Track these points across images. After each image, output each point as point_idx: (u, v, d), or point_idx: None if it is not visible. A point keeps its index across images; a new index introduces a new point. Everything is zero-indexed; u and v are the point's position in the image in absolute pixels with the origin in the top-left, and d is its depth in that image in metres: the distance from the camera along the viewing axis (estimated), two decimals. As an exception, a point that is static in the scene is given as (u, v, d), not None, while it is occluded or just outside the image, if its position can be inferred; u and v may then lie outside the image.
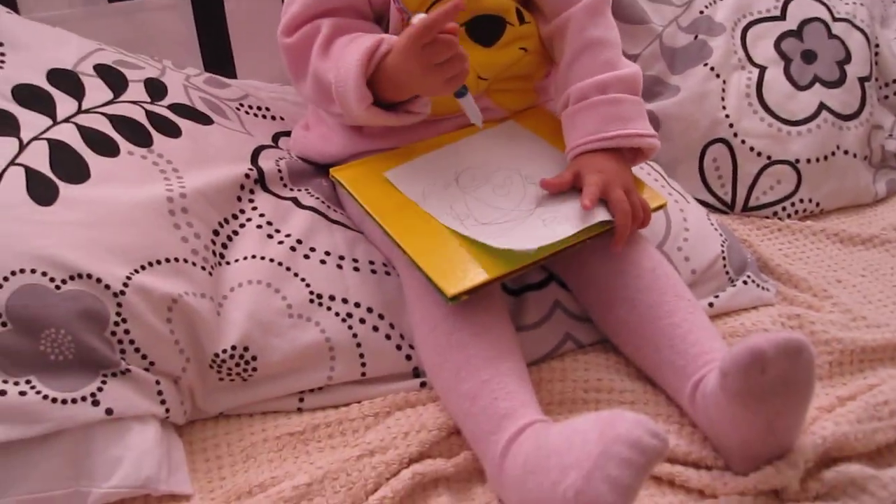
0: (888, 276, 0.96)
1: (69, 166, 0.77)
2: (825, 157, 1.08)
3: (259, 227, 0.83)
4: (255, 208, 0.84)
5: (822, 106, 1.10)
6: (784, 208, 1.06)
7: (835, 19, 1.16)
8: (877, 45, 1.19)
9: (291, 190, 0.88)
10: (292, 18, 0.83)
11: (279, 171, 0.89)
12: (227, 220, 0.82)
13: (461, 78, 0.76)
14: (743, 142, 1.06)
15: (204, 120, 0.90)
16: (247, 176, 0.86)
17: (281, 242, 0.82)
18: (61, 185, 0.75)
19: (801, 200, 1.07)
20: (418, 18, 0.74)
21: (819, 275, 0.95)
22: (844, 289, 0.93)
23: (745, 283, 0.91)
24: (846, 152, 1.09)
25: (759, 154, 1.06)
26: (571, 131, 0.82)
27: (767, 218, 1.06)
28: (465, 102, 0.78)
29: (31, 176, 0.75)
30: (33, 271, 0.69)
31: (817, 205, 1.08)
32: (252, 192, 0.86)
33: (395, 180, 0.81)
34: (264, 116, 0.99)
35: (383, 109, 0.79)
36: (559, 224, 0.75)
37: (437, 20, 0.72)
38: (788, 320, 0.85)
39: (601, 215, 0.76)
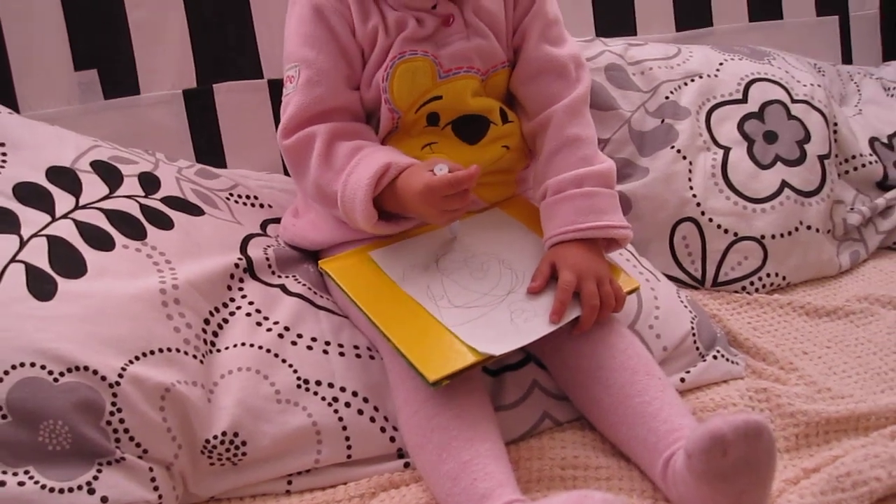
0: (852, 347, 1.00)
1: (67, 261, 0.81)
2: (789, 233, 1.13)
3: (248, 314, 0.87)
4: (244, 296, 0.88)
5: (784, 184, 1.15)
6: (752, 283, 1.11)
7: (793, 101, 1.23)
8: (835, 124, 1.25)
9: (279, 277, 0.92)
10: (289, 121, 0.88)
11: (267, 258, 0.93)
12: (217, 309, 0.86)
13: (461, 213, 0.82)
14: (710, 220, 1.12)
15: (195, 211, 0.95)
16: (236, 265, 0.90)
17: (269, 330, 0.85)
18: (59, 280, 0.79)
19: (768, 275, 1.12)
20: (441, 172, 0.79)
21: (786, 347, 0.99)
22: (810, 360, 0.97)
23: (714, 357, 0.95)
24: (809, 227, 1.14)
25: (725, 231, 1.11)
26: (548, 222, 0.87)
27: (736, 292, 1.11)
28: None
29: (31, 272, 0.79)
30: (33, 365, 0.72)
31: (784, 278, 1.13)
32: (241, 280, 0.90)
33: (379, 259, 0.86)
34: (253, 205, 1.03)
35: (388, 221, 0.84)
36: (530, 321, 0.80)
37: (462, 182, 0.78)
38: (756, 394, 0.89)
39: (572, 313, 0.81)
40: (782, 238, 1.13)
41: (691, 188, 1.13)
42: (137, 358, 0.76)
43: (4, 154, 0.90)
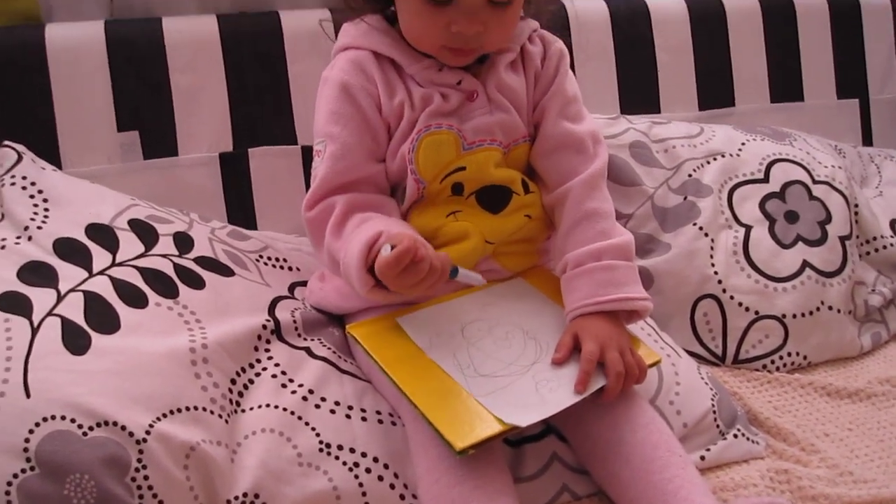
0: (874, 431, 0.99)
1: (102, 317, 0.83)
2: (810, 313, 1.14)
3: (274, 376, 0.88)
4: (270, 358, 0.90)
5: (805, 263, 1.17)
6: (773, 361, 1.11)
7: (815, 182, 1.25)
8: (856, 206, 1.27)
9: (305, 340, 0.94)
10: (312, 193, 0.91)
11: (294, 321, 0.95)
12: (243, 370, 0.88)
13: (443, 280, 0.82)
14: (731, 297, 1.12)
15: (226, 272, 0.97)
16: (264, 327, 0.92)
17: (294, 392, 0.87)
18: (94, 335, 0.81)
19: (789, 354, 1.12)
20: (385, 252, 0.79)
21: (807, 428, 0.99)
22: (832, 443, 0.97)
23: (735, 436, 0.94)
24: (830, 307, 1.15)
25: (747, 309, 1.12)
26: (569, 295, 0.89)
27: (757, 370, 1.11)
28: (463, 278, 0.86)
29: (67, 326, 0.81)
30: (63, 418, 0.74)
31: (805, 358, 1.13)
32: (268, 341, 0.91)
33: (406, 326, 0.87)
34: (282, 267, 1.06)
35: (384, 288, 0.83)
36: (555, 391, 0.81)
37: (401, 258, 0.78)
38: (777, 475, 0.89)
39: (597, 383, 0.82)
40: (803, 317, 1.13)
41: (713, 265, 1.14)
42: (165, 415, 0.78)
43: (47, 210, 0.93)
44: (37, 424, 0.73)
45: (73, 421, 0.74)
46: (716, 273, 1.14)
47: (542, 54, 0.98)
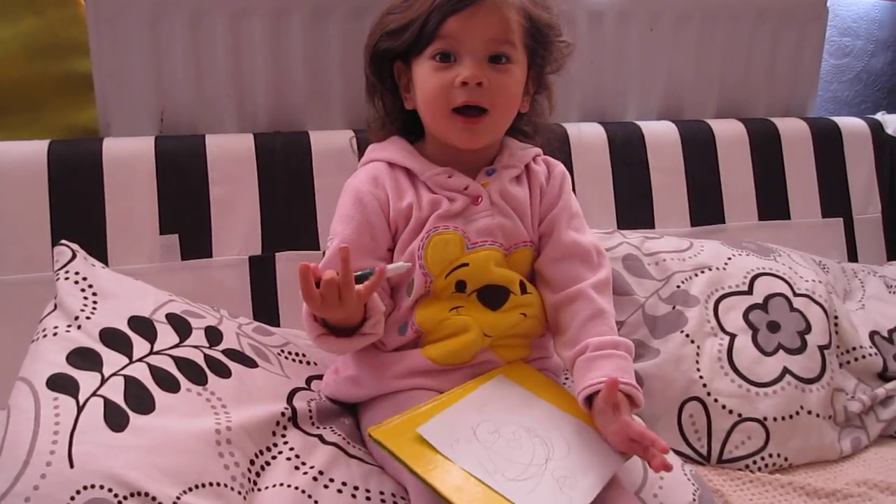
0: (850, 530, 1.06)
1: (139, 399, 0.93)
2: (790, 416, 1.21)
3: (288, 458, 0.97)
4: (286, 442, 0.99)
5: (785, 370, 1.25)
6: (755, 461, 1.18)
7: (795, 294, 1.34)
8: (836, 317, 1.35)
9: (318, 427, 1.03)
10: None
11: (310, 410, 1.04)
12: (262, 452, 0.97)
13: (349, 288, 0.91)
14: (716, 400, 1.20)
15: (250, 363, 1.07)
16: (282, 414, 1.01)
17: (305, 473, 0.95)
18: (132, 415, 0.91)
19: (771, 455, 1.19)
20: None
21: (785, 526, 1.05)
22: (808, 540, 1.03)
23: (714, 530, 1.01)
24: (810, 412, 1.22)
25: (730, 412, 1.20)
26: (588, 372, 0.96)
27: (740, 470, 1.17)
28: (392, 271, 0.96)
29: (109, 406, 0.90)
30: (101, 487, 0.83)
31: (786, 459, 1.19)
32: (285, 427, 1.01)
33: (429, 436, 0.88)
34: (301, 361, 1.16)
35: (338, 336, 0.97)
36: (576, 487, 0.86)
37: (303, 275, 0.91)
38: (752, 569, 0.95)
39: (615, 461, 0.90)
40: (784, 421, 1.21)
41: (699, 370, 1.23)
42: (191, 489, 0.86)
43: (95, 302, 1.04)
44: (78, 492, 0.82)
45: (109, 490, 0.83)
46: (701, 377, 1.22)
47: (547, 174, 1.12)
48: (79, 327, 1.00)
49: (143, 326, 1.04)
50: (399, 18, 1.05)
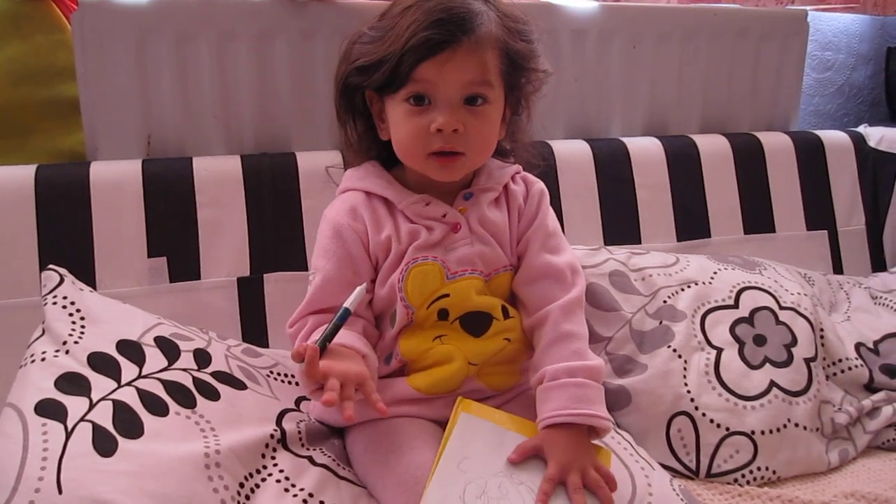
0: (837, 542, 1.06)
1: (128, 424, 0.93)
2: (778, 430, 1.22)
3: (278, 481, 0.97)
4: (276, 464, 0.99)
5: (772, 383, 1.26)
6: (743, 475, 1.19)
7: (781, 308, 1.35)
8: (822, 330, 1.36)
9: (308, 449, 1.03)
10: (296, 315, 1.04)
11: (299, 432, 1.04)
12: (251, 475, 0.97)
13: (312, 358, 0.90)
14: (704, 414, 1.21)
15: (239, 385, 1.07)
16: (272, 436, 1.01)
17: (295, 496, 0.95)
18: (120, 439, 0.90)
19: (759, 468, 1.19)
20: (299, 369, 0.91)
21: (774, 539, 1.06)
22: (797, 552, 1.04)
23: (703, 544, 1.02)
24: (797, 425, 1.23)
25: (718, 426, 1.21)
26: (543, 404, 0.98)
27: (729, 484, 1.18)
28: (350, 303, 0.95)
29: (97, 431, 0.90)
30: (90, 513, 0.83)
31: (774, 472, 1.20)
32: (275, 450, 1.01)
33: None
34: (290, 382, 1.16)
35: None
36: None
37: (293, 357, 0.91)
38: (740, 582, 0.95)
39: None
40: (771, 434, 1.21)
41: (686, 384, 1.24)
42: (180, 513, 0.87)
43: (83, 327, 1.04)
44: (64, 518, 0.82)
45: (98, 516, 0.83)
46: (689, 392, 1.23)
47: (525, 193, 1.12)
48: (67, 352, 1.00)
49: (132, 350, 1.04)
50: (369, 53, 1.02)
